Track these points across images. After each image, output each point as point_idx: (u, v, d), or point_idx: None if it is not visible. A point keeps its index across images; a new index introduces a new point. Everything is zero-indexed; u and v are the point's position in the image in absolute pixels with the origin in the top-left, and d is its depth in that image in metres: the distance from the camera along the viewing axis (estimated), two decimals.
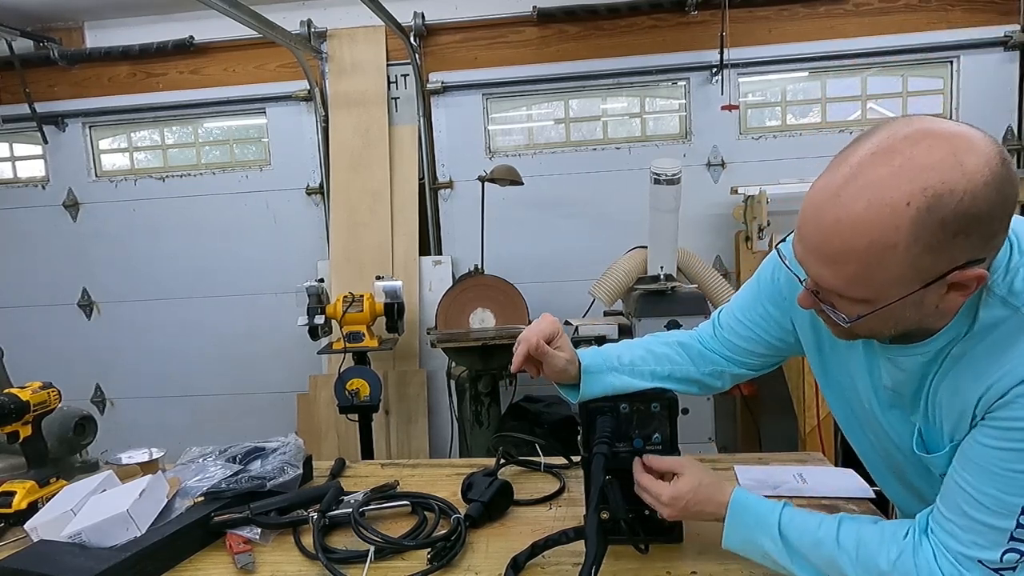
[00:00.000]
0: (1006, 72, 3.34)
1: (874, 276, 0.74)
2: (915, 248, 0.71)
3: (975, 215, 0.69)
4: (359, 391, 2.85)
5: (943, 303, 0.77)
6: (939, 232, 0.70)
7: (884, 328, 0.82)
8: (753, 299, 1.13)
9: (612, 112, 3.63)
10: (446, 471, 1.49)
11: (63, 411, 1.51)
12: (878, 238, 0.71)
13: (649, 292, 2.78)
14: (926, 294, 0.75)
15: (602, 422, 1.08)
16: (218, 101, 3.64)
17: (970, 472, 0.81)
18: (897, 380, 0.91)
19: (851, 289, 0.77)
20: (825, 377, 1.07)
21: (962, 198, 0.69)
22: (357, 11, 3.20)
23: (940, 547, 0.83)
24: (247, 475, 1.30)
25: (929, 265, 0.72)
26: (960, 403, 0.82)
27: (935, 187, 0.69)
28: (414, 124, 3.57)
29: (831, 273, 0.77)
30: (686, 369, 1.16)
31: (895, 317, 0.79)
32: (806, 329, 1.06)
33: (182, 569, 1.14)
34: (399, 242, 3.53)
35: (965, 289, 0.75)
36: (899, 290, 0.75)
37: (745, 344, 1.14)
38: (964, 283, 0.74)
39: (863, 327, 0.82)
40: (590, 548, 0.90)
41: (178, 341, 3.81)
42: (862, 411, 1.00)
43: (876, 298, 0.76)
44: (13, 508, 1.31)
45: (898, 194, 0.70)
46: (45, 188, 3.82)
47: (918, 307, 0.77)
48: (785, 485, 1.29)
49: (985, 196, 0.69)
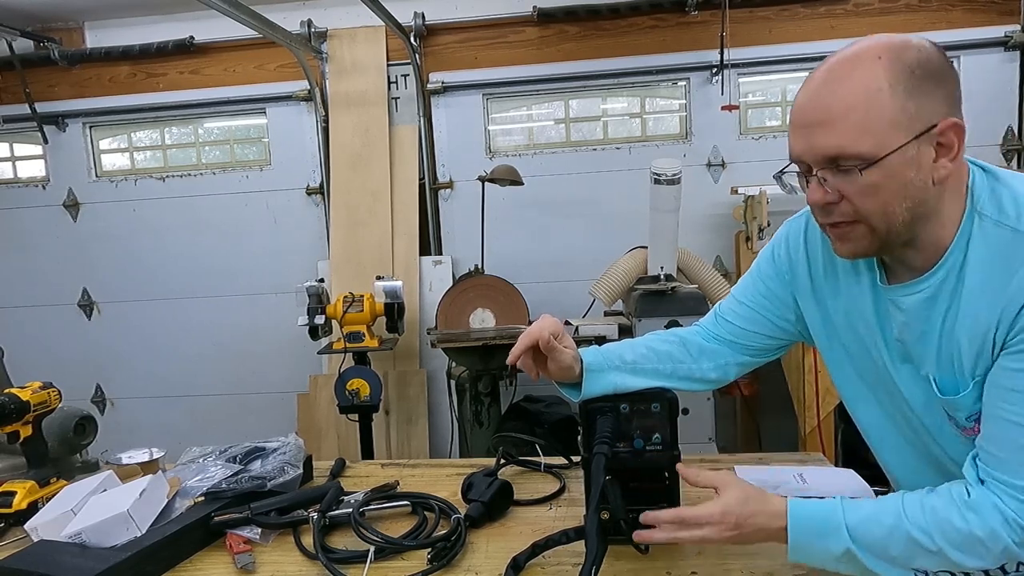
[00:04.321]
0: (1006, 72, 3.33)
1: (873, 121, 0.81)
2: (899, 90, 0.81)
3: (934, 66, 0.82)
4: (359, 391, 2.85)
5: (936, 172, 0.83)
6: (911, 77, 0.81)
7: (894, 200, 0.84)
8: (753, 282, 1.15)
9: (612, 112, 3.63)
10: (446, 471, 1.49)
11: (63, 411, 1.51)
12: (868, 85, 0.81)
13: (649, 292, 2.78)
14: (920, 150, 0.82)
15: (602, 422, 1.08)
16: (218, 101, 3.64)
17: (1010, 402, 0.82)
18: (903, 328, 0.92)
19: (858, 142, 0.82)
20: (832, 348, 1.06)
21: (919, 49, 0.83)
22: (357, 11, 3.20)
23: (1001, 488, 0.82)
24: (247, 475, 1.30)
25: (914, 112, 0.81)
26: (980, 331, 0.84)
27: (895, 44, 0.83)
28: (414, 124, 3.57)
29: (835, 134, 0.83)
30: (688, 366, 1.16)
31: (902, 179, 0.82)
32: (809, 300, 1.07)
33: (182, 569, 1.14)
34: (399, 242, 3.53)
35: (949, 150, 0.83)
36: (898, 137, 0.81)
37: (747, 325, 1.15)
38: (947, 142, 0.82)
39: (875, 201, 0.84)
40: (590, 548, 0.90)
41: (178, 341, 3.81)
42: (874, 374, 1.00)
43: (879, 146, 0.81)
44: (13, 508, 1.31)
45: (869, 54, 0.83)
46: (45, 188, 3.82)
47: (918, 168, 0.83)
48: (785, 485, 1.29)
49: (935, 52, 0.83)
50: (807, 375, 2.66)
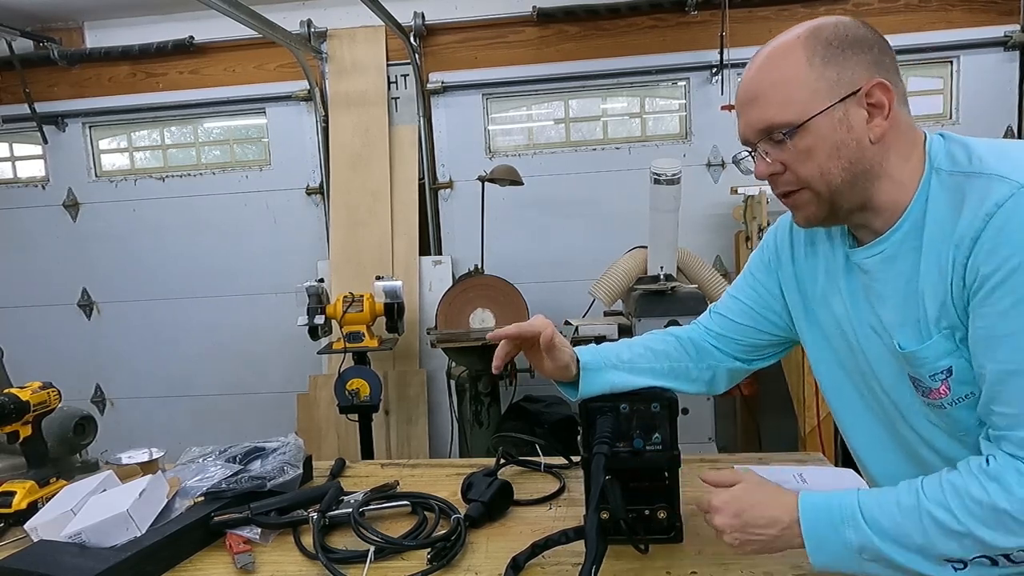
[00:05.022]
0: (1006, 72, 3.34)
1: (793, 93, 0.88)
2: (816, 61, 0.88)
3: (853, 37, 0.88)
4: (359, 391, 2.85)
5: (872, 132, 0.88)
6: (828, 48, 0.88)
7: (828, 161, 0.89)
8: (745, 277, 1.20)
9: (612, 112, 3.63)
10: (446, 471, 1.49)
11: (63, 411, 1.51)
12: (785, 63, 0.90)
13: (649, 292, 2.78)
14: (848, 112, 0.87)
15: (602, 422, 1.08)
16: (218, 101, 3.64)
17: (1005, 348, 0.79)
18: (868, 291, 0.95)
19: (783, 112, 0.89)
20: (812, 333, 1.08)
21: (836, 25, 0.90)
22: (357, 11, 3.20)
23: (1015, 446, 0.79)
24: (247, 475, 1.30)
25: (835, 78, 0.87)
26: (939, 279, 0.85)
27: (813, 24, 0.91)
28: (414, 124, 3.57)
29: (763, 109, 0.91)
30: (685, 365, 1.17)
31: (832, 141, 0.88)
32: (791, 287, 1.10)
33: (182, 569, 1.14)
34: (399, 242, 3.53)
35: (881, 109, 0.87)
36: (820, 101, 0.87)
37: (737, 318, 1.17)
38: (876, 102, 0.87)
39: (811, 165, 0.89)
40: (590, 548, 0.90)
41: (178, 341, 3.81)
42: (849, 355, 1.01)
43: (803, 112, 0.88)
44: (13, 508, 1.31)
45: (790, 36, 0.91)
46: (45, 188, 3.82)
47: (849, 129, 0.88)
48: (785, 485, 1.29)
49: (853, 25, 0.90)
50: (807, 375, 2.66)
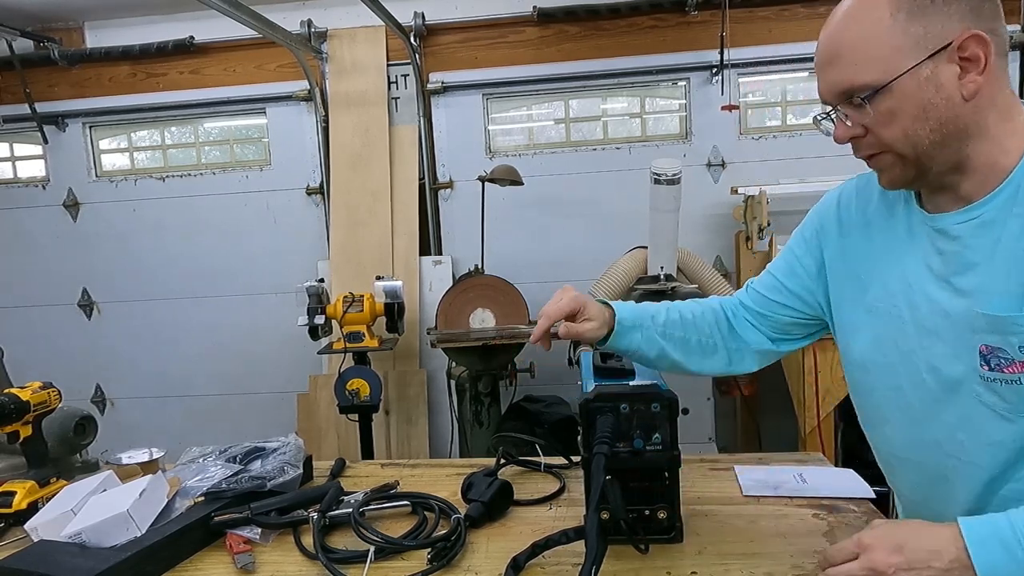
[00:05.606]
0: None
1: (875, 49, 0.83)
2: (900, 16, 0.82)
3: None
4: (359, 391, 2.85)
5: (964, 88, 0.81)
6: (914, 1, 0.81)
7: (915, 124, 0.83)
8: (783, 254, 1.16)
9: (612, 112, 3.63)
10: (446, 471, 1.49)
11: (63, 411, 1.51)
12: (866, 17, 0.84)
13: (649, 292, 2.78)
14: (937, 69, 0.81)
15: (602, 422, 1.08)
16: (218, 101, 3.64)
17: None
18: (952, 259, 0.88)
19: (863, 72, 0.84)
20: (853, 311, 1.03)
21: None
22: (357, 11, 3.20)
23: None
24: (247, 475, 1.30)
25: (922, 32, 0.81)
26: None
27: None
28: (414, 124, 3.57)
29: (841, 69, 0.86)
30: (713, 341, 1.17)
31: (918, 101, 0.82)
32: (837, 262, 1.06)
33: (182, 569, 1.14)
34: (399, 242, 3.53)
35: (975, 63, 0.80)
36: (904, 60, 0.82)
37: (771, 295, 1.14)
38: (971, 56, 0.80)
39: (896, 128, 0.84)
40: (590, 548, 0.90)
41: (178, 341, 3.81)
42: (896, 332, 0.95)
43: (885, 72, 0.83)
44: (13, 508, 1.31)
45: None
46: (45, 188, 3.82)
47: (938, 87, 0.82)
48: (785, 485, 1.29)
49: None
50: (807, 375, 2.66)
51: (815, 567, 0.92)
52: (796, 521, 1.16)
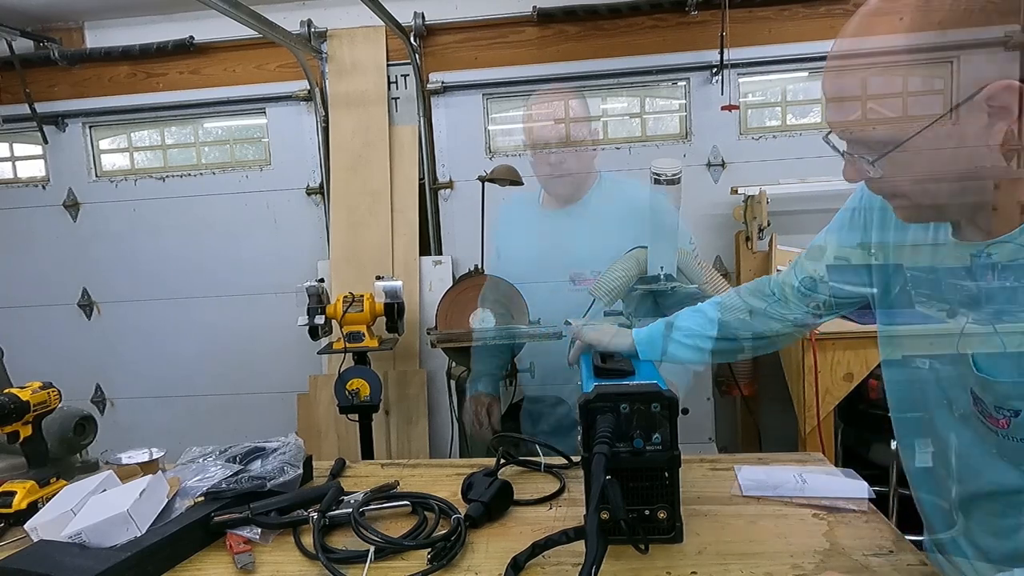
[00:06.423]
0: (1006, 73, 3.32)
1: (895, 103, 0.73)
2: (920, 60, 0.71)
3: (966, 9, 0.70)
4: (359, 391, 2.85)
5: (992, 136, 0.70)
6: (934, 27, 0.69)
7: (937, 175, 0.74)
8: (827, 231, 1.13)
9: (612, 112, 3.63)
10: (446, 471, 1.49)
11: (63, 411, 1.51)
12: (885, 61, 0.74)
13: (649, 292, 2.78)
14: (962, 120, 0.70)
15: (602, 422, 1.08)
16: (218, 101, 3.64)
17: None
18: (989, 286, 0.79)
19: (882, 130, 0.74)
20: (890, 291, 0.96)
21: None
22: (357, 11, 3.20)
23: None
24: (247, 475, 1.30)
25: (947, 83, 0.71)
26: None
27: None
28: (414, 124, 3.57)
29: (859, 117, 0.76)
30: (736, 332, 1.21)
31: (941, 154, 0.73)
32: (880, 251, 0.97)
33: (182, 569, 1.14)
34: (399, 242, 3.53)
35: (1007, 112, 0.69)
36: (926, 112, 0.71)
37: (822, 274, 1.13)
38: (1002, 105, 0.68)
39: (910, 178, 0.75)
40: (590, 548, 0.90)
41: (178, 341, 3.80)
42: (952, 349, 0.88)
43: (906, 129, 0.73)
44: (13, 508, 1.31)
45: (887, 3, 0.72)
46: (45, 188, 3.82)
47: (960, 139, 0.71)
48: (785, 486, 1.29)
49: None
50: (807, 375, 2.66)
51: (815, 567, 0.92)
52: (796, 521, 1.16)
